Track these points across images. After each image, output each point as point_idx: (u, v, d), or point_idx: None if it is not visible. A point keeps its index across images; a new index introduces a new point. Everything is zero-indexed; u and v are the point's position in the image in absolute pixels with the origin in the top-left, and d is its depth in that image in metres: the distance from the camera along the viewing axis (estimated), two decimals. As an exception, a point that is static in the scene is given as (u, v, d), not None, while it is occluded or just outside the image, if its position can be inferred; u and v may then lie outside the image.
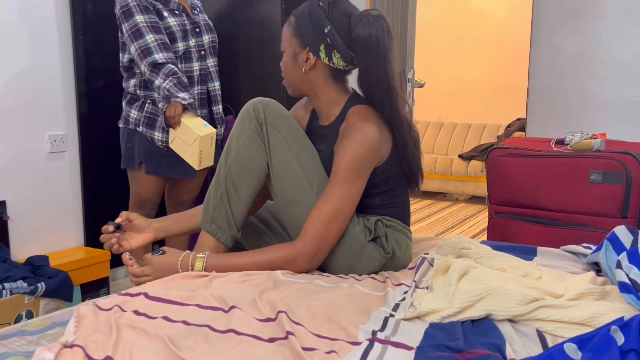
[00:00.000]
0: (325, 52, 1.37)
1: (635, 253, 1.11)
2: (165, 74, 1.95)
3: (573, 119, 2.62)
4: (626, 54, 2.52)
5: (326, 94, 1.42)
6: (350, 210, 1.33)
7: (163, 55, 1.96)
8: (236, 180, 1.39)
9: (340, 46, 1.36)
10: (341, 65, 1.39)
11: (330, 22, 1.35)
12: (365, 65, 1.35)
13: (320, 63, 1.39)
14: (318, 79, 1.41)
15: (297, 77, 1.43)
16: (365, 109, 1.39)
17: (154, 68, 1.96)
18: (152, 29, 1.98)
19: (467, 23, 5.89)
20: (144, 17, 1.98)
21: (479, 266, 1.25)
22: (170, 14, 2.05)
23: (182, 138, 1.92)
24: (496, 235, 2.01)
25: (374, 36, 1.31)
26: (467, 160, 5.28)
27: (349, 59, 1.38)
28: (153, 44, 1.97)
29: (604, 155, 1.79)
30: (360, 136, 1.31)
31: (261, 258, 1.33)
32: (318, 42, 1.37)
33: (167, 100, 1.92)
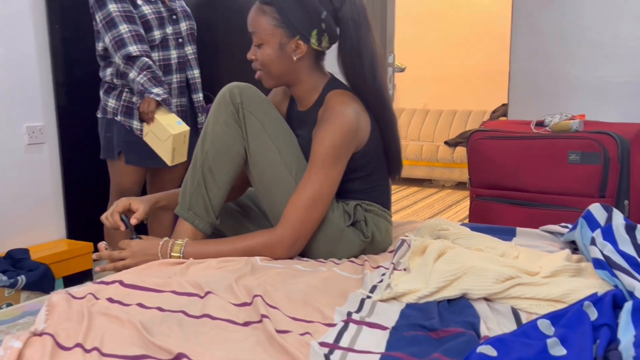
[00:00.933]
0: (316, 38, 1.36)
1: (609, 230, 1.12)
2: (139, 68, 1.93)
3: (553, 100, 2.62)
4: (605, 35, 2.52)
5: (309, 80, 1.41)
6: (330, 196, 1.33)
7: (137, 47, 1.94)
8: (213, 167, 1.37)
9: (333, 29, 1.37)
10: (326, 47, 1.40)
11: (323, 7, 1.35)
12: (351, 41, 1.35)
13: (309, 49, 1.38)
14: (305, 65, 1.40)
15: (284, 68, 1.38)
16: (343, 93, 1.38)
17: (128, 60, 1.93)
18: (125, 19, 1.95)
19: (451, 10, 5.87)
20: (117, 6, 1.95)
21: (456, 247, 1.25)
22: (144, 2, 2.02)
23: (155, 133, 1.92)
24: (478, 218, 2.02)
25: (357, 10, 1.34)
26: (453, 146, 5.30)
27: (335, 38, 1.39)
28: (127, 35, 1.94)
29: (582, 136, 1.79)
30: (338, 121, 1.31)
31: (240, 245, 1.32)
32: (310, 29, 1.35)
33: (141, 95, 1.91)
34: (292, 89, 1.45)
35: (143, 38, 1.98)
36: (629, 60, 2.48)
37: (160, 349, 0.84)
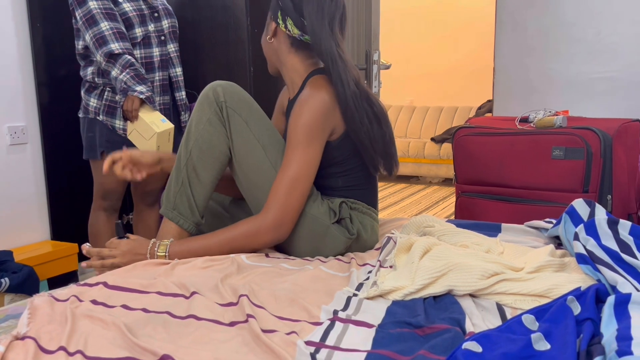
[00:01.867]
0: (281, 18, 1.41)
1: (592, 225, 1.13)
2: (122, 65, 1.91)
3: (537, 96, 2.64)
4: (588, 31, 2.55)
5: (289, 62, 1.44)
6: (310, 177, 1.32)
7: (119, 45, 1.92)
8: (197, 166, 1.36)
9: (291, 12, 1.38)
10: (296, 34, 1.40)
11: None
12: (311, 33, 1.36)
13: (280, 31, 1.43)
14: (280, 48, 1.44)
15: (266, 48, 1.47)
16: (321, 79, 1.37)
17: (110, 58, 1.92)
18: (106, 16, 1.93)
19: (437, 7, 5.89)
20: (97, 3, 1.93)
21: (441, 243, 1.26)
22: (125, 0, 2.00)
23: (139, 131, 1.91)
24: (463, 214, 2.03)
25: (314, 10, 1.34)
26: (440, 143, 5.32)
27: (300, 25, 1.38)
28: (108, 32, 1.92)
29: (565, 132, 1.81)
30: (309, 102, 1.32)
31: (224, 236, 1.31)
32: (277, 10, 1.42)
33: (124, 94, 1.90)
34: (281, 73, 1.50)
35: (125, 36, 1.96)
36: (611, 57, 2.51)
37: (145, 350, 0.84)
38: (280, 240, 1.34)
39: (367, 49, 2.21)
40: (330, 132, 1.35)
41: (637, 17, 2.45)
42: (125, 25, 1.99)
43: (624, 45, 2.48)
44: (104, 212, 2.17)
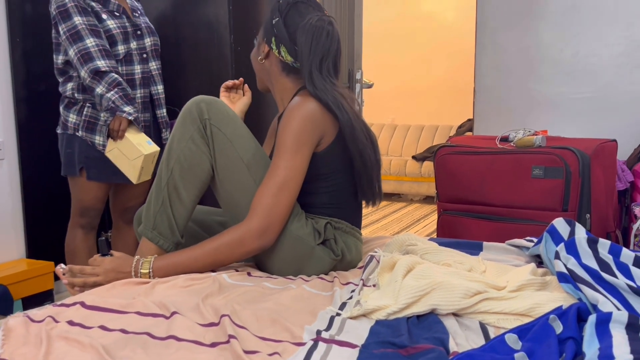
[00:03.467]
0: (275, 44, 1.42)
1: (572, 243, 1.14)
2: (108, 84, 1.90)
3: (517, 116, 2.69)
4: (566, 52, 2.61)
5: (279, 84, 1.47)
6: (297, 183, 1.31)
7: (105, 62, 1.91)
8: (178, 185, 1.35)
9: (286, 41, 1.39)
10: (289, 60, 1.41)
11: (281, 17, 1.40)
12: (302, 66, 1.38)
13: (272, 54, 1.44)
14: (272, 69, 1.46)
15: (257, 66, 1.50)
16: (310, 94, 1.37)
17: (95, 75, 1.90)
18: (92, 33, 1.92)
19: (417, 26, 5.99)
20: (83, 19, 1.92)
21: (424, 262, 1.26)
22: (109, 16, 1.99)
23: (122, 151, 1.90)
24: (445, 232, 2.04)
25: (308, 41, 1.35)
26: (421, 161, 5.36)
27: (295, 55, 1.39)
28: (94, 49, 1.91)
29: (544, 151, 1.84)
30: (298, 109, 1.33)
31: (209, 247, 1.29)
32: (271, 34, 1.43)
33: (112, 113, 1.89)
34: (271, 91, 1.52)
35: (110, 53, 1.95)
36: (588, 78, 2.57)
37: (123, 373, 0.81)
38: (265, 248, 1.31)
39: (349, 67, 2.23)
40: (318, 142, 1.35)
41: (613, 40, 2.51)
42: (109, 43, 1.98)
43: (601, 67, 2.54)
44: (81, 229, 2.13)
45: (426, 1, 6.00)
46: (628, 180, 2.14)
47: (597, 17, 2.53)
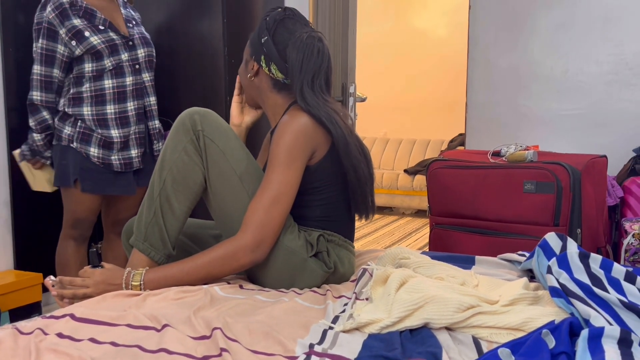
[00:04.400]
0: (265, 62, 1.42)
1: (564, 258, 1.15)
2: (39, 122, 2.02)
3: (508, 131, 2.71)
4: (556, 70, 2.64)
5: (270, 100, 1.47)
6: (290, 197, 1.31)
7: (41, 94, 2.01)
8: (171, 196, 1.34)
9: (276, 58, 1.39)
10: (280, 77, 1.41)
11: (269, 35, 1.39)
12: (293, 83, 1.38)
13: (262, 72, 1.44)
14: (262, 86, 1.46)
15: (245, 82, 1.50)
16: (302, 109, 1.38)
17: (30, 105, 2.02)
18: (43, 60, 1.99)
19: (409, 42, 6.04)
20: (42, 42, 1.99)
21: (417, 275, 1.25)
22: (92, 32, 1.98)
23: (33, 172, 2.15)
24: (437, 246, 2.04)
25: (299, 59, 1.35)
26: (413, 174, 5.39)
27: (286, 72, 1.39)
28: (37, 77, 2.01)
29: (536, 166, 1.85)
30: (291, 124, 1.33)
31: (202, 260, 1.28)
32: (260, 52, 1.42)
33: (32, 154, 2.07)
34: (262, 106, 1.52)
35: (51, 85, 2.02)
36: (578, 95, 2.60)
37: (113, 387, 0.80)
38: (258, 261, 1.30)
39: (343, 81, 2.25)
40: (311, 155, 1.35)
41: (602, 58, 2.55)
42: (95, 57, 2.00)
43: (590, 84, 2.58)
44: (73, 241, 2.11)
45: (418, 17, 6.06)
46: (618, 195, 2.16)
47: (586, 36, 2.57)
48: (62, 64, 2.01)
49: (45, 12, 1.98)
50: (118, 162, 2.05)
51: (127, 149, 2.07)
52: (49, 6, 1.97)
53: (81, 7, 2.00)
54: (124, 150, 2.06)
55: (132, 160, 2.08)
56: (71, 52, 1.99)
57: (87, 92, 2.01)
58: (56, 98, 2.05)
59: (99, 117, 2.02)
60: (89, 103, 2.01)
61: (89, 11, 2.01)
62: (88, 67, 2.01)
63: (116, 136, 2.03)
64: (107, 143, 2.02)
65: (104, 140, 2.01)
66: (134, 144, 2.09)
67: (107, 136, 2.02)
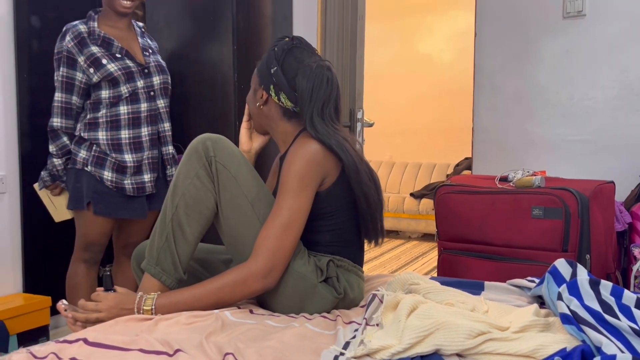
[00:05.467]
0: (274, 91, 1.43)
1: (575, 285, 1.15)
2: (59, 148, 2.09)
3: (515, 156, 2.73)
4: (562, 95, 2.67)
5: (279, 127, 1.48)
6: (301, 224, 1.32)
7: (61, 120, 2.08)
8: (183, 221, 1.36)
9: (285, 88, 1.41)
10: (289, 106, 1.43)
11: (278, 65, 1.41)
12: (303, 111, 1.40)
13: (271, 100, 1.46)
14: (271, 114, 1.48)
15: (254, 111, 1.51)
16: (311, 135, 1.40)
17: (51, 131, 2.09)
18: (63, 87, 2.06)
19: (415, 66, 6.11)
20: (63, 70, 2.06)
21: (427, 301, 1.26)
22: (109, 60, 2.04)
23: (51, 197, 2.20)
24: (446, 271, 2.04)
25: (309, 88, 1.37)
26: (419, 198, 5.39)
27: (295, 100, 1.41)
28: (57, 104, 2.08)
29: (544, 192, 1.86)
30: (302, 151, 1.34)
31: (213, 286, 1.29)
32: (269, 82, 1.44)
33: (53, 179, 2.13)
34: (270, 133, 1.53)
35: (70, 111, 2.08)
36: (584, 120, 2.62)
37: (127, 413, 0.81)
38: (269, 288, 1.31)
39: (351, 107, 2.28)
40: (321, 182, 1.37)
41: (607, 83, 2.58)
42: (112, 84, 2.05)
43: (596, 109, 2.60)
44: (84, 264, 2.13)
45: (424, 43, 6.14)
46: (626, 221, 2.16)
47: (591, 62, 2.60)
48: (80, 90, 2.07)
49: (64, 41, 2.04)
50: (131, 186, 2.08)
51: (140, 173, 2.11)
52: (67, 36, 2.04)
53: (99, 36, 2.06)
54: (136, 174, 2.10)
55: (144, 184, 2.11)
56: (89, 79, 2.05)
57: (103, 118, 2.05)
58: (75, 124, 2.10)
59: (113, 142, 2.06)
60: (104, 128, 2.06)
61: (106, 40, 2.07)
62: (105, 93, 2.06)
63: (129, 161, 2.06)
64: (120, 167, 2.06)
65: (118, 165, 2.05)
66: (147, 169, 2.12)
67: (120, 160, 2.05)
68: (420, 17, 6.09)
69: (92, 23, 2.08)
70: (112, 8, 2.10)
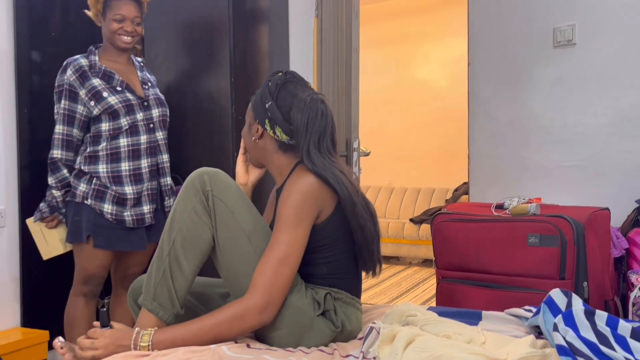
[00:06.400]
0: (269, 126, 1.45)
1: (570, 315, 1.15)
2: (59, 181, 2.10)
3: (511, 183, 2.74)
4: (555, 122, 2.70)
5: (276, 160, 1.50)
6: (297, 258, 1.33)
7: (62, 152, 2.09)
8: (180, 256, 1.36)
9: (281, 122, 1.43)
10: (285, 139, 1.45)
11: (273, 100, 1.43)
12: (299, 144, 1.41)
13: (267, 135, 1.48)
14: (267, 148, 1.49)
15: (250, 145, 1.53)
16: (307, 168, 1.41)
17: (51, 163, 2.10)
18: (64, 119, 2.09)
19: (413, 93, 6.18)
20: (65, 103, 2.08)
21: (424, 334, 1.26)
22: (110, 93, 2.08)
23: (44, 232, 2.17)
24: (444, 300, 2.04)
25: (304, 121, 1.39)
26: (418, 224, 5.38)
27: (290, 134, 1.43)
28: (58, 136, 2.09)
29: (539, 219, 1.87)
30: (298, 184, 1.36)
31: (210, 322, 1.29)
32: (264, 116, 1.46)
33: (52, 210, 2.12)
34: (266, 166, 1.55)
35: (72, 143, 2.11)
36: (578, 146, 2.65)
37: None
38: (266, 323, 1.31)
39: (347, 137, 2.31)
40: (318, 215, 1.38)
41: (600, 110, 2.61)
42: (112, 116, 2.08)
43: (589, 135, 2.62)
44: (83, 297, 2.13)
45: (420, 70, 6.22)
46: (623, 247, 2.16)
47: (583, 89, 2.64)
48: (81, 123, 2.10)
49: (65, 75, 2.08)
50: (130, 218, 2.09)
51: (140, 205, 2.12)
52: (69, 69, 2.08)
53: (100, 69, 2.10)
54: (136, 206, 2.11)
55: (144, 216, 2.13)
56: (89, 112, 2.08)
57: (104, 151, 2.08)
58: (75, 156, 2.12)
59: (113, 175, 2.08)
60: (104, 161, 2.08)
61: (107, 73, 2.11)
62: (105, 126, 2.08)
63: (130, 193, 2.09)
64: (120, 200, 2.07)
65: (118, 197, 2.07)
66: (146, 200, 2.14)
67: (121, 193, 2.07)
68: (416, 45, 6.19)
69: (93, 57, 2.12)
70: (112, 44, 2.14)
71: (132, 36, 2.14)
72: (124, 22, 2.10)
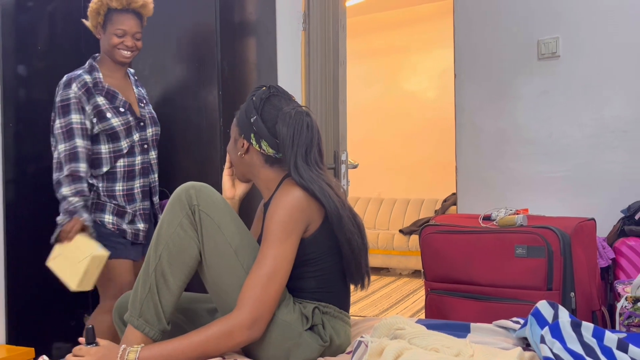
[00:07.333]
0: (255, 140, 1.45)
1: (557, 327, 1.16)
2: (77, 192, 1.95)
3: (498, 193, 2.76)
4: (541, 134, 2.73)
5: (262, 174, 1.49)
6: (286, 272, 1.32)
7: (85, 166, 1.98)
8: (166, 271, 1.35)
9: (266, 135, 1.43)
10: (271, 152, 1.45)
11: (258, 114, 1.43)
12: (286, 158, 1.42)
13: (253, 149, 1.47)
14: (253, 162, 1.49)
15: (236, 160, 1.52)
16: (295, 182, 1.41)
17: (71, 176, 1.96)
18: (82, 133, 1.99)
19: (401, 104, 6.22)
20: (78, 117, 1.99)
21: (412, 347, 1.25)
22: (114, 114, 2.05)
23: (68, 255, 1.91)
24: (433, 312, 2.04)
25: (290, 134, 1.39)
26: (408, 234, 5.39)
27: (276, 147, 1.43)
28: (82, 150, 1.98)
29: (526, 230, 1.88)
30: (285, 198, 1.35)
31: (198, 338, 1.27)
32: (249, 131, 1.46)
33: (70, 215, 1.93)
34: (253, 181, 1.54)
35: (89, 157, 2.02)
36: (563, 157, 2.68)
37: None
38: (255, 339, 1.30)
39: (335, 149, 2.31)
40: (305, 229, 1.37)
41: (584, 121, 2.64)
42: (112, 138, 2.06)
43: (574, 147, 2.66)
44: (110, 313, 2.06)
45: (408, 81, 6.27)
46: (609, 257, 2.18)
47: (567, 101, 2.68)
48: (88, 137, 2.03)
49: (71, 89, 2.00)
50: (130, 230, 2.09)
51: (134, 223, 2.12)
52: (74, 85, 2.01)
53: (103, 88, 2.06)
54: (132, 223, 2.11)
55: (139, 232, 2.12)
56: (90, 129, 2.03)
57: (101, 172, 2.06)
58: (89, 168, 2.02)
59: (109, 194, 2.07)
60: (100, 180, 2.07)
61: (110, 92, 2.07)
62: (105, 148, 2.05)
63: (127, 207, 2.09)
64: (120, 212, 2.07)
65: (117, 210, 2.06)
66: (139, 220, 2.13)
67: (121, 206, 2.07)
68: (404, 56, 6.24)
69: (97, 74, 2.07)
70: (111, 57, 2.11)
71: (132, 51, 2.12)
72: (124, 37, 2.07)
